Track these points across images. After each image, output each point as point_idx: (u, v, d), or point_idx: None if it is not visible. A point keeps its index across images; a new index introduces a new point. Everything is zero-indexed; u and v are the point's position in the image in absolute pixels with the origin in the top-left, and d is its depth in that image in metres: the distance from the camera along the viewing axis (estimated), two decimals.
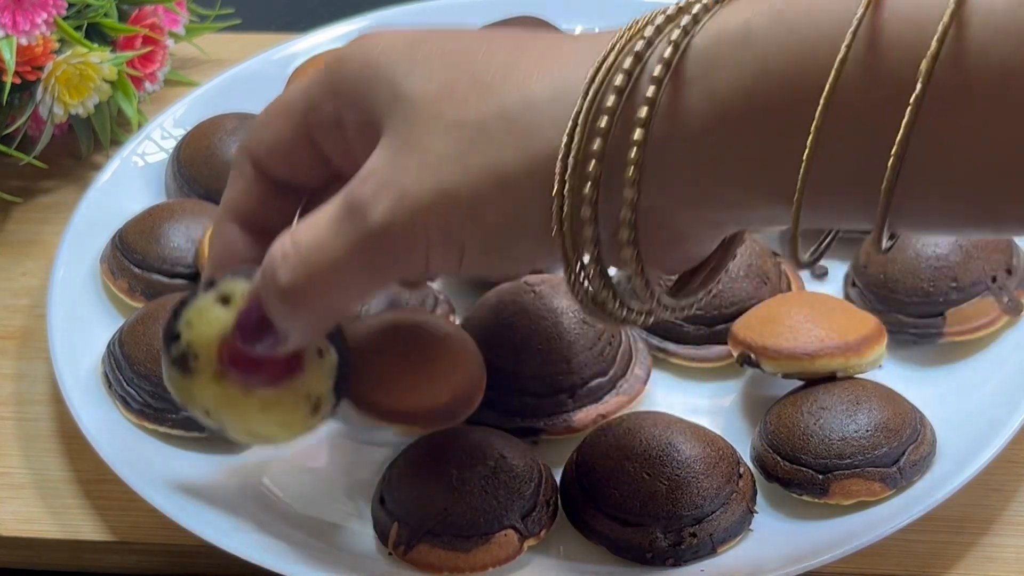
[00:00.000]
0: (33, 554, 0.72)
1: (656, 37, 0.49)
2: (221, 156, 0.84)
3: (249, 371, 0.55)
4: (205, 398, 0.56)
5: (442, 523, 0.64)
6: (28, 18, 0.83)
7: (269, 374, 0.55)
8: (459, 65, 0.52)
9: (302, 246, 0.52)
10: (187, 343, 0.56)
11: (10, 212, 0.90)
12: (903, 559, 0.67)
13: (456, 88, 0.51)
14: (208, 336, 0.55)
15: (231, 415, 0.57)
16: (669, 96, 0.47)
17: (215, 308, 0.56)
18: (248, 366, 0.55)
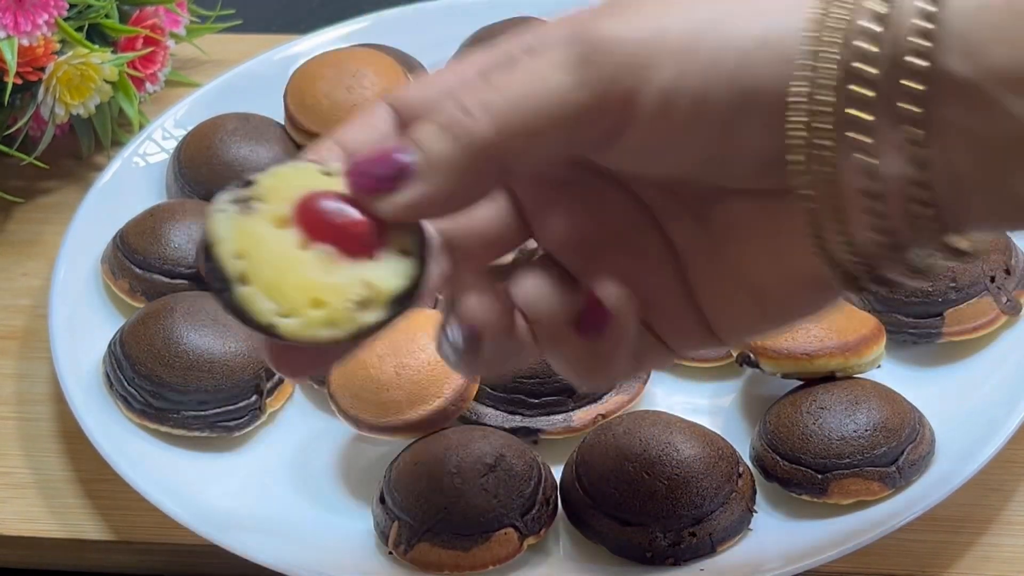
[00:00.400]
0: (34, 553, 0.72)
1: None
2: (222, 156, 0.84)
3: (319, 227, 0.45)
4: (249, 239, 0.45)
5: (442, 522, 0.64)
6: (29, 19, 0.83)
7: (337, 238, 0.45)
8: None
9: (511, 89, 0.43)
10: (262, 188, 0.45)
11: (11, 212, 0.90)
12: (902, 558, 0.67)
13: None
14: (289, 189, 0.45)
15: (269, 266, 0.45)
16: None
17: (315, 172, 0.46)
18: (320, 223, 0.45)
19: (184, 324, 0.72)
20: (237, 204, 0.45)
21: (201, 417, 0.72)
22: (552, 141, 0.43)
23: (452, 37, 0.93)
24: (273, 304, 0.44)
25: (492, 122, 0.43)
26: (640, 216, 0.48)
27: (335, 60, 0.87)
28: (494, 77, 0.44)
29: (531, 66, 0.43)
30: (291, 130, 0.86)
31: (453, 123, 0.43)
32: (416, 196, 0.44)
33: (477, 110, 0.43)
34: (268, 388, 0.73)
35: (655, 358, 0.50)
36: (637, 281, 0.47)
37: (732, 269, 0.47)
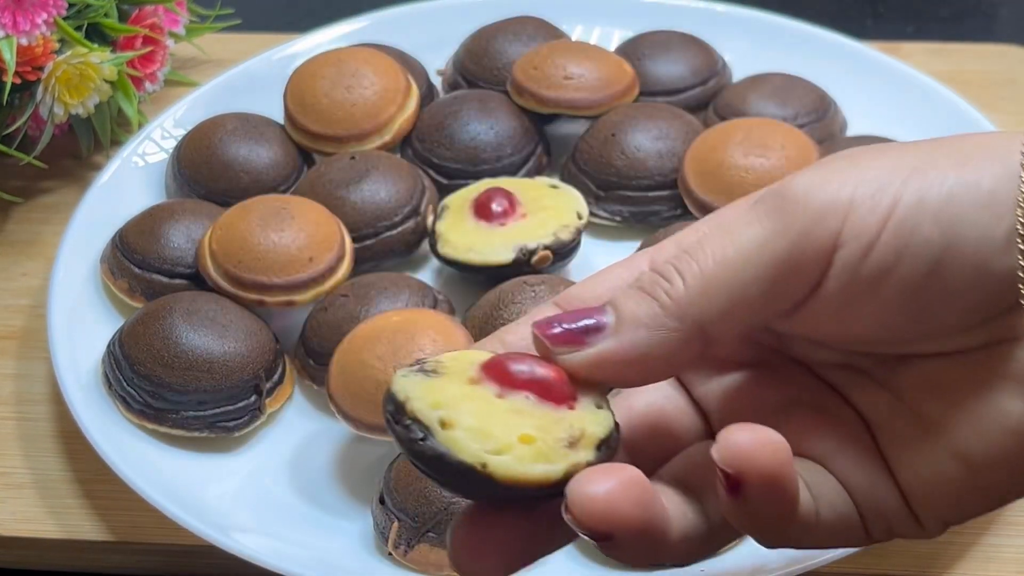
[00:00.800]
0: (33, 554, 0.72)
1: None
2: (221, 156, 0.84)
3: (513, 380, 0.43)
4: (443, 393, 0.42)
5: (442, 523, 0.64)
6: (28, 18, 0.83)
7: (534, 387, 0.43)
8: None
9: (705, 252, 0.42)
10: (445, 360, 0.44)
11: (10, 212, 0.90)
12: (903, 559, 0.67)
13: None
14: (468, 361, 0.44)
15: (470, 414, 0.42)
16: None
17: (488, 355, 0.44)
18: (515, 376, 0.43)
19: (183, 324, 0.72)
20: (417, 372, 0.43)
21: (200, 417, 0.72)
22: (753, 300, 0.41)
23: (452, 36, 0.93)
24: (480, 444, 0.41)
25: (692, 283, 0.41)
26: (822, 389, 0.45)
27: (335, 59, 0.87)
28: (686, 246, 0.43)
29: (723, 227, 0.42)
30: (291, 130, 0.86)
31: (653, 286, 0.42)
32: (606, 350, 0.42)
33: (674, 274, 0.42)
34: (268, 388, 0.73)
35: (846, 533, 0.44)
36: (827, 452, 0.44)
37: (931, 435, 0.43)
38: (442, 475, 0.41)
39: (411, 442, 0.41)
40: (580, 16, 0.97)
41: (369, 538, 0.68)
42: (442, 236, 0.79)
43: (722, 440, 0.39)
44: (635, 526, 0.40)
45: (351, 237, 0.79)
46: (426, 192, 0.82)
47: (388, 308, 0.73)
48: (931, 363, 0.43)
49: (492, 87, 0.89)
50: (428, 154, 0.85)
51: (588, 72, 0.86)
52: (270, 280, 0.75)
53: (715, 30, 0.93)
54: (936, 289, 0.40)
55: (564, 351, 0.42)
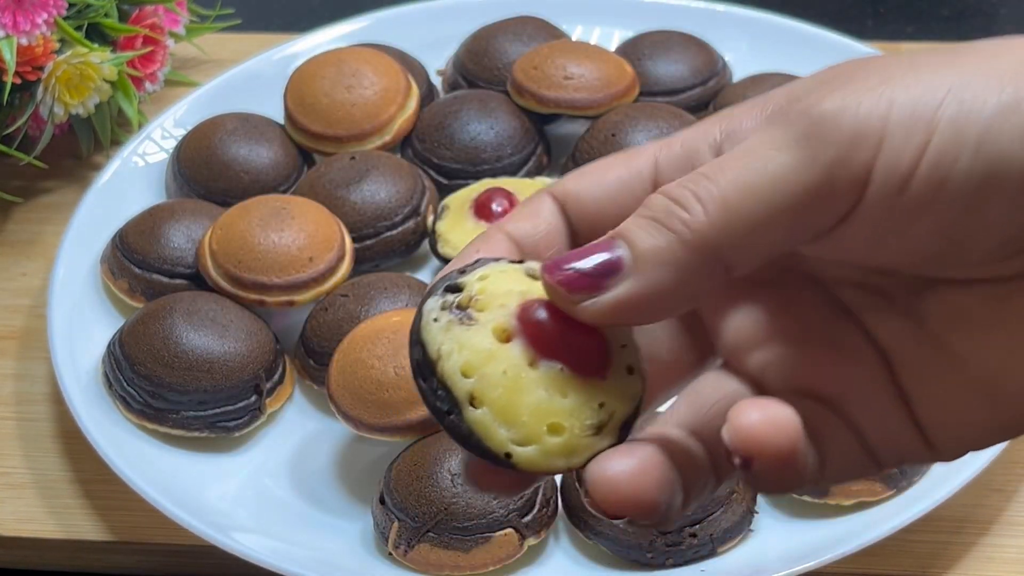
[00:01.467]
0: (33, 554, 0.72)
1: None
2: (221, 156, 0.84)
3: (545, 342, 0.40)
4: (475, 354, 0.40)
5: (442, 523, 0.64)
6: (28, 18, 0.83)
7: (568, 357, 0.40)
8: None
9: (727, 176, 0.39)
10: (476, 291, 0.41)
11: (10, 212, 0.90)
12: (903, 559, 0.67)
13: None
14: (501, 294, 0.41)
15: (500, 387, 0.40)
16: None
17: (522, 276, 0.41)
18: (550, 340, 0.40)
19: (184, 324, 0.72)
20: (452, 313, 0.40)
21: (200, 417, 0.71)
22: (778, 231, 0.39)
23: (452, 36, 0.93)
24: (508, 430, 0.39)
25: (713, 212, 0.38)
26: (838, 316, 0.43)
27: (335, 59, 0.87)
28: (703, 167, 0.39)
29: (745, 150, 0.39)
30: (291, 130, 0.86)
31: (669, 216, 0.39)
32: (627, 294, 0.39)
33: (692, 201, 0.38)
34: (268, 388, 0.73)
35: (846, 455, 0.42)
36: (840, 388, 0.42)
37: (955, 366, 0.41)
38: (463, 445, 0.40)
39: (438, 411, 0.40)
40: (580, 16, 0.97)
41: (369, 538, 0.68)
42: (442, 236, 0.79)
43: (734, 422, 0.38)
44: (656, 508, 0.39)
45: (351, 237, 0.79)
46: (426, 192, 0.82)
47: (388, 308, 0.73)
48: (960, 290, 0.41)
49: (492, 87, 0.89)
50: (428, 154, 0.85)
51: (588, 72, 0.86)
52: (270, 280, 0.75)
53: (715, 30, 0.93)
54: (974, 222, 0.38)
55: (582, 298, 0.39)
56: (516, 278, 0.41)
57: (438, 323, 0.40)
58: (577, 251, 0.40)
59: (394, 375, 0.68)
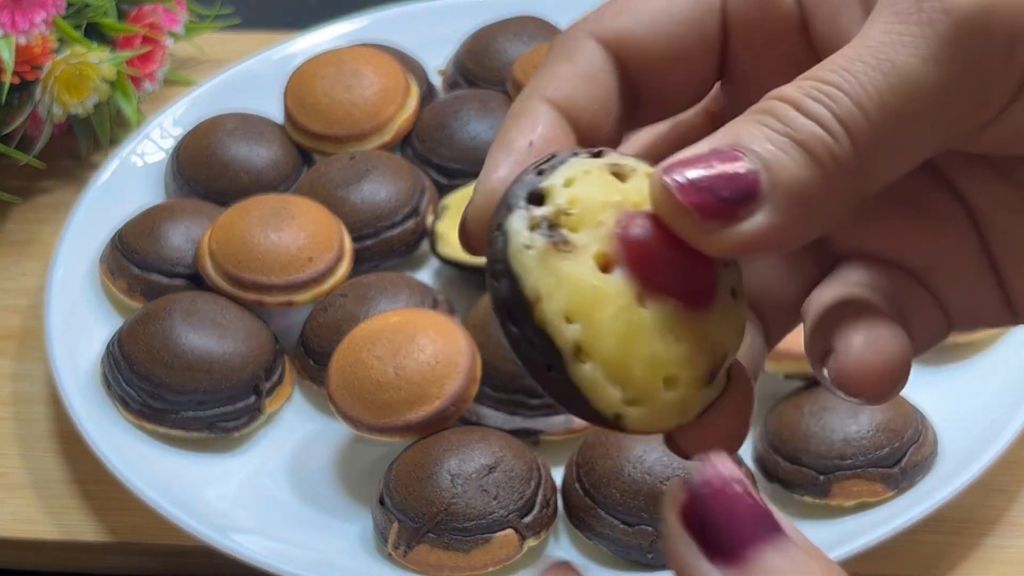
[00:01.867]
0: (32, 555, 0.71)
1: None
2: (220, 156, 0.84)
3: (656, 271, 0.33)
4: (578, 292, 0.33)
5: (442, 524, 0.64)
6: (27, 17, 0.83)
7: (681, 290, 0.34)
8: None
9: (877, 104, 0.33)
10: (567, 203, 0.33)
11: (9, 212, 0.90)
12: (905, 560, 0.67)
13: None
14: (593, 206, 0.33)
15: (610, 334, 0.33)
16: None
17: (607, 176, 0.34)
18: (657, 265, 0.33)
19: (183, 324, 0.72)
20: (544, 235, 0.33)
21: (200, 418, 0.71)
22: (924, 154, 0.34)
23: (451, 35, 0.93)
24: (620, 389, 0.33)
25: (863, 144, 0.33)
26: (930, 179, 0.38)
27: (334, 59, 0.87)
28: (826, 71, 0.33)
29: (877, 54, 0.33)
30: (290, 129, 0.86)
31: (814, 139, 0.33)
32: (764, 228, 0.33)
33: (837, 126, 0.32)
34: (267, 388, 0.73)
35: (930, 330, 0.38)
36: (930, 260, 0.38)
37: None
38: (565, 405, 0.34)
39: (535, 365, 0.34)
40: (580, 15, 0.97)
41: (369, 539, 0.68)
42: (442, 236, 0.79)
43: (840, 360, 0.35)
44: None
45: (351, 237, 0.79)
46: (426, 192, 0.82)
47: (387, 308, 0.73)
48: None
49: (492, 87, 0.88)
50: (428, 154, 0.85)
51: None
52: (269, 280, 0.75)
53: None
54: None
55: (713, 227, 0.32)
56: (604, 181, 0.34)
57: (531, 250, 0.33)
58: (697, 156, 0.33)
59: (394, 375, 0.68)
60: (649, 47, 0.36)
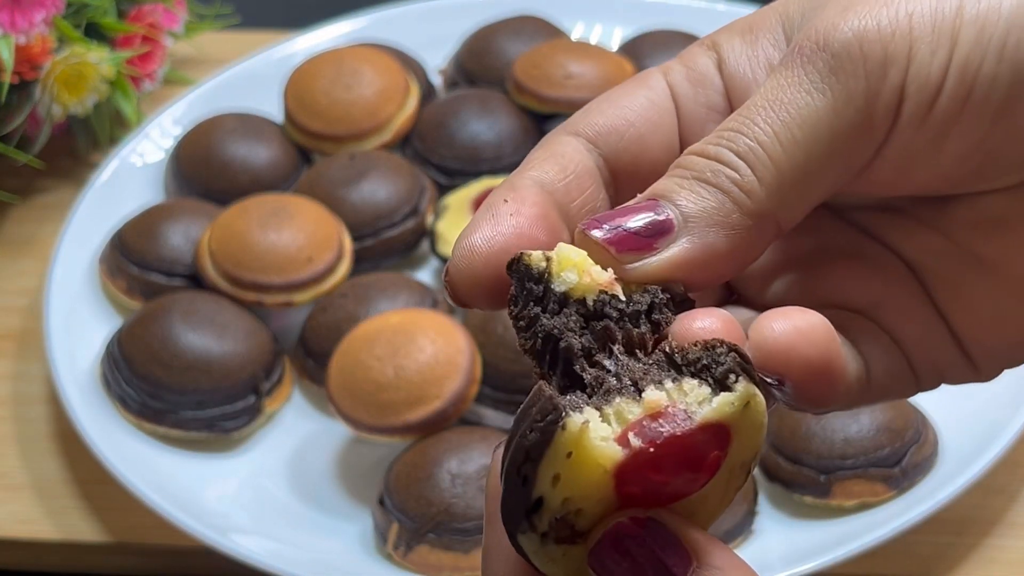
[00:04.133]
0: (31, 555, 0.71)
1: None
2: (220, 155, 0.84)
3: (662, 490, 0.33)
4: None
5: (442, 524, 0.64)
6: (26, 17, 0.83)
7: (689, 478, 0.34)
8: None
9: (773, 139, 0.36)
10: (561, 502, 0.33)
11: (8, 212, 0.89)
12: (905, 560, 0.67)
13: None
14: (591, 485, 0.33)
15: None
16: None
17: (593, 439, 0.33)
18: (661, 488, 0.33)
19: (182, 324, 0.72)
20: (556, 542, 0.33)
21: (199, 418, 0.71)
22: (828, 177, 0.37)
23: (451, 35, 0.93)
24: None
25: (763, 172, 0.36)
26: (860, 237, 0.41)
27: (334, 58, 0.87)
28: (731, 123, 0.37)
29: (772, 98, 0.36)
30: (289, 129, 0.86)
31: (716, 175, 0.36)
32: (682, 255, 0.36)
33: (737, 161, 0.36)
34: (267, 388, 0.73)
35: (899, 386, 0.40)
36: (873, 298, 0.40)
37: (987, 272, 0.39)
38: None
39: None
40: (580, 15, 0.97)
41: (369, 539, 0.68)
42: (442, 235, 0.78)
43: (756, 337, 0.35)
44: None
45: (351, 237, 0.79)
46: (425, 191, 0.82)
47: (387, 308, 0.73)
48: (986, 200, 0.38)
49: (492, 86, 0.88)
50: (428, 153, 0.85)
51: (589, 71, 0.85)
52: (269, 280, 0.75)
53: (716, 29, 0.93)
54: (1004, 130, 0.36)
55: (632, 259, 0.36)
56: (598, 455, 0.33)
57: (548, 558, 0.34)
58: (618, 210, 0.37)
59: (393, 376, 0.68)
60: (623, 132, 0.39)
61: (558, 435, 0.32)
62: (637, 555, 0.34)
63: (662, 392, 0.33)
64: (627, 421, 0.33)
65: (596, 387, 0.34)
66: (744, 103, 0.37)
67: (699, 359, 0.34)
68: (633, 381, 0.33)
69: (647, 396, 0.33)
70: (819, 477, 0.66)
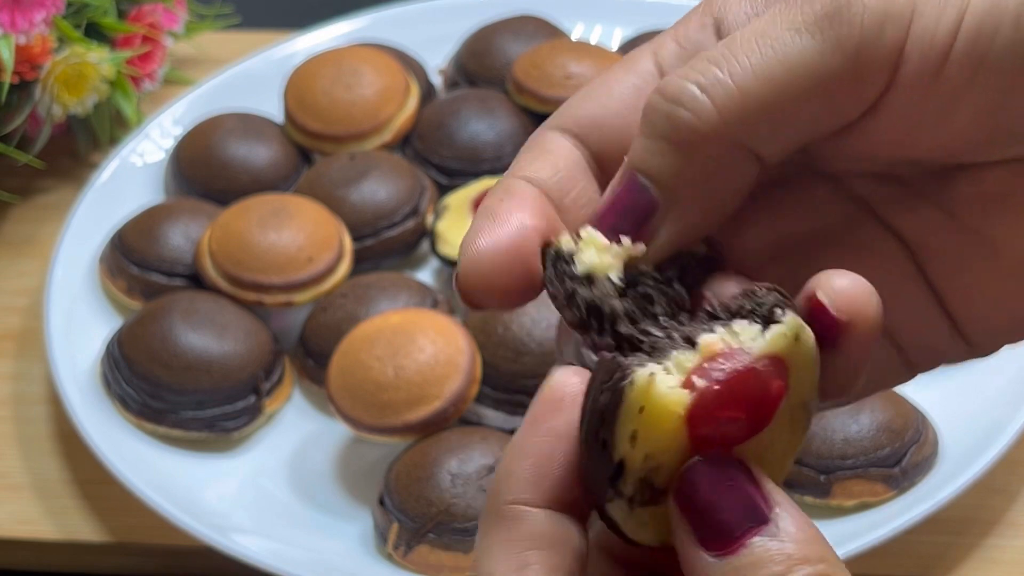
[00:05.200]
0: (31, 555, 0.71)
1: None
2: (220, 155, 0.84)
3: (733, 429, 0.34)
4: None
5: (442, 524, 0.64)
6: (26, 17, 0.83)
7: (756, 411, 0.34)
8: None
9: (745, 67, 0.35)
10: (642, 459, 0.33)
11: (8, 212, 0.89)
12: (905, 560, 0.67)
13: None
14: (667, 435, 0.33)
15: None
16: None
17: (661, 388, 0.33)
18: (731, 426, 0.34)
19: (182, 324, 0.72)
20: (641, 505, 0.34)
21: (199, 418, 0.71)
22: (802, 116, 0.35)
23: (451, 34, 0.93)
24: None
25: (723, 102, 0.34)
26: (856, 212, 0.39)
27: (334, 58, 0.87)
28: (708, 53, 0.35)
29: (757, 31, 0.35)
30: (290, 129, 0.86)
31: (672, 123, 0.35)
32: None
33: (696, 94, 0.35)
34: (267, 388, 0.73)
35: (892, 376, 0.40)
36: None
37: (988, 252, 0.38)
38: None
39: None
40: (581, 15, 0.97)
41: (369, 539, 0.68)
42: (442, 236, 0.79)
43: (828, 286, 0.35)
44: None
45: (351, 237, 0.79)
46: (426, 191, 0.82)
47: (387, 308, 0.73)
48: (992, 174, 0.37)
49: (492, 86, 0.88)
50: (428, 153, 0.85)
51: (589, 71, 0.85)
52: (269, 280, 0.75)
53: None
54: (1018, 100, 0.35)
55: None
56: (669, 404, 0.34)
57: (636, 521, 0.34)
58: (606, 203, 0.36)
59: (393, 376, 0.68)
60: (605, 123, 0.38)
61: (628, 391, 0.33)
62: (722, 489, 0.33)
63: (715, 336, 0.33)
64: (688, 369, 0.33)
65: (651, 348, 0.34)
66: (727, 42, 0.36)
67: (742, 305, 0.34)
68: (684, 337, 0.34)
69: (702, 341, 0.33)
70: (819, 477, 0.66)
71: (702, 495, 0.33)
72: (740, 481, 0.33)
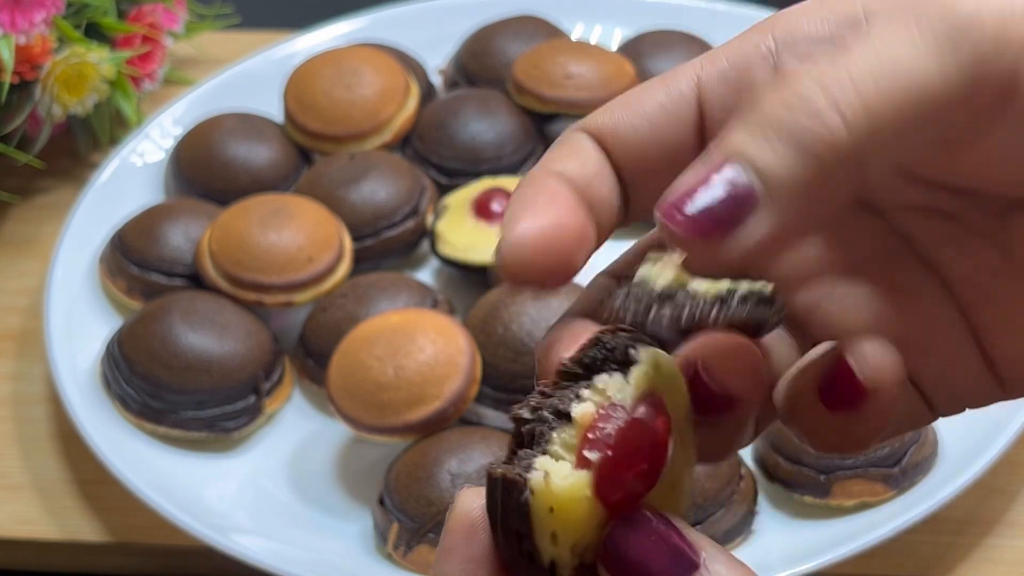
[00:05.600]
0: (31, 555, 0.71)
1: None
2: (220, 155, 0.84)
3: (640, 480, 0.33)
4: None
5: (442, 523, 0.64)
6: (27, 17, 0.83)
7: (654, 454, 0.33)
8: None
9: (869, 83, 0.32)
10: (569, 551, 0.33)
11: (8, 212, 0.89)
12: (905, 560, 0.67)
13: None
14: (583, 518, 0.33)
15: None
16: None
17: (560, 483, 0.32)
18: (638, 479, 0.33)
19: (182, 324, 0.72)
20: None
21: (199, 418, 0.71)
22: (919, 144, 0.33)
23: (451, 34, 0.93)
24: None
25: (856, 125, 0.32)
26: (897, 247, 0.38)
27: (334, 58, 0.87)
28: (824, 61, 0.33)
29: (874, 48, 0.33)
30: (290, 129, 0.86)
31: (801, 129, 0.32)
32: (768, 231, 0.32)
33: (830, 110, 0.32)
34: (267, 388, 0.73)
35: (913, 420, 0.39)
36: (901, 331, 0.37)
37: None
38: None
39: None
40: (581, 15, 0.97)
41: (369, 539, 0.68)
42: (442, 236, 0.79)
43: (857, 351, 0.35)
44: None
45: (351, 237, 0.79)
46: (426, 191, 0.82)
47: (387, 308, 0.73)
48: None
49: (492, 86, 0.88)
50: (428, 153, 0.85)
51: (589, 71, 0.85)
52: (269, 280, 0.75)
53: (716, 29, 0.93)
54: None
55: (716, 244, 0.32)
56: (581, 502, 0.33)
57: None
58: (688, 180, 0.33)
59: (393, 376, 0.68)
60: (629, 136, 0.37)
61: (532, 502, 0.32)
62: (645, 547, 0.33)
63: (586, 403, 0.33)
64: (574, 446, 0.33)
65: (533, 438, 0.33)
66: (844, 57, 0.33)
67: (595, 357, 0.34)
68: (555, 412, 0.33)
69: (576, 413, 0.33)
70: (819, 477, 0.66)
71: (630, 558, 0.33)
72: (661, 533, 0.33)
